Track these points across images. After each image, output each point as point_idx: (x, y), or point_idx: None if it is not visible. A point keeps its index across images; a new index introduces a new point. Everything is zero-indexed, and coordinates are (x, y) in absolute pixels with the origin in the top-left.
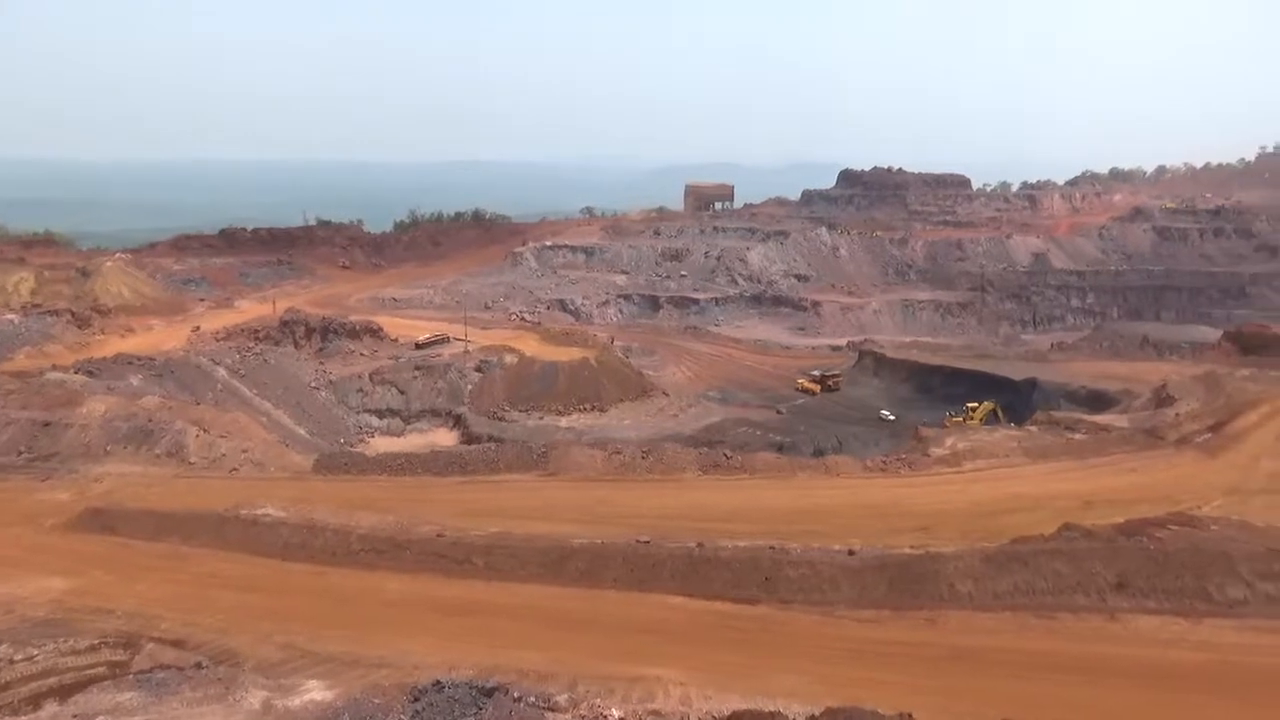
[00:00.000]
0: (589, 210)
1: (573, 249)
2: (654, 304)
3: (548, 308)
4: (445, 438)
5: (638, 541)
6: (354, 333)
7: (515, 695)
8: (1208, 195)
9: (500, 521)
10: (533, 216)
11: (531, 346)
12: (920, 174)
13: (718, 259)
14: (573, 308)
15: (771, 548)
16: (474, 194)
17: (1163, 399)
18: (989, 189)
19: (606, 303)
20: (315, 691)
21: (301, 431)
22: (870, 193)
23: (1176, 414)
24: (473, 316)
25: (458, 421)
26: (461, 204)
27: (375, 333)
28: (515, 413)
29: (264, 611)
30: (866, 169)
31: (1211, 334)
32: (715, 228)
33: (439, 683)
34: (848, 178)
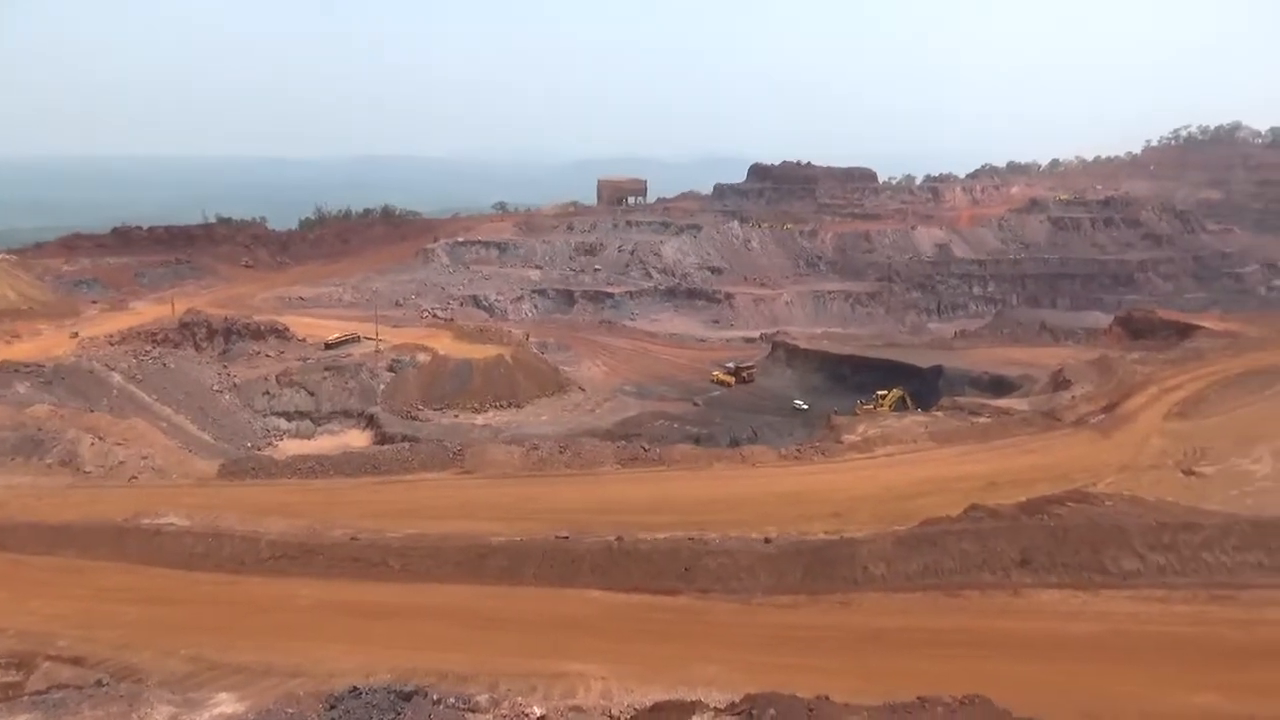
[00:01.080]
0: (501, 205)
1: (485, 245)
2: (569, 299)
3: (461, 305)
4: (358, 439)
5: (557, 537)
6: (259, 333)
7: (435, 698)
8: (1098, 187)
9: (416, 522)
10: (443, 212)
11: (445, 344)
12: (828, 168)
13: (632, 253)
14: (486, 304)
15: (690, 538)
16: (383, 190)
17: (1059, 383)
18: (894, 182)
19: (521, 299)
20: (225, 704)
21: (205, 437)
22: (780, 186)
23: (1072, 397)
24: (384, 315)
25: (370, 422)
26: (370, 200)
27: (281, 333)
28: (430, 411)
29: (169, 624)
30: (776, 163)
31: (1103, 319)
32: (629, 222)
33: (356, 689)
34: (758, 172)
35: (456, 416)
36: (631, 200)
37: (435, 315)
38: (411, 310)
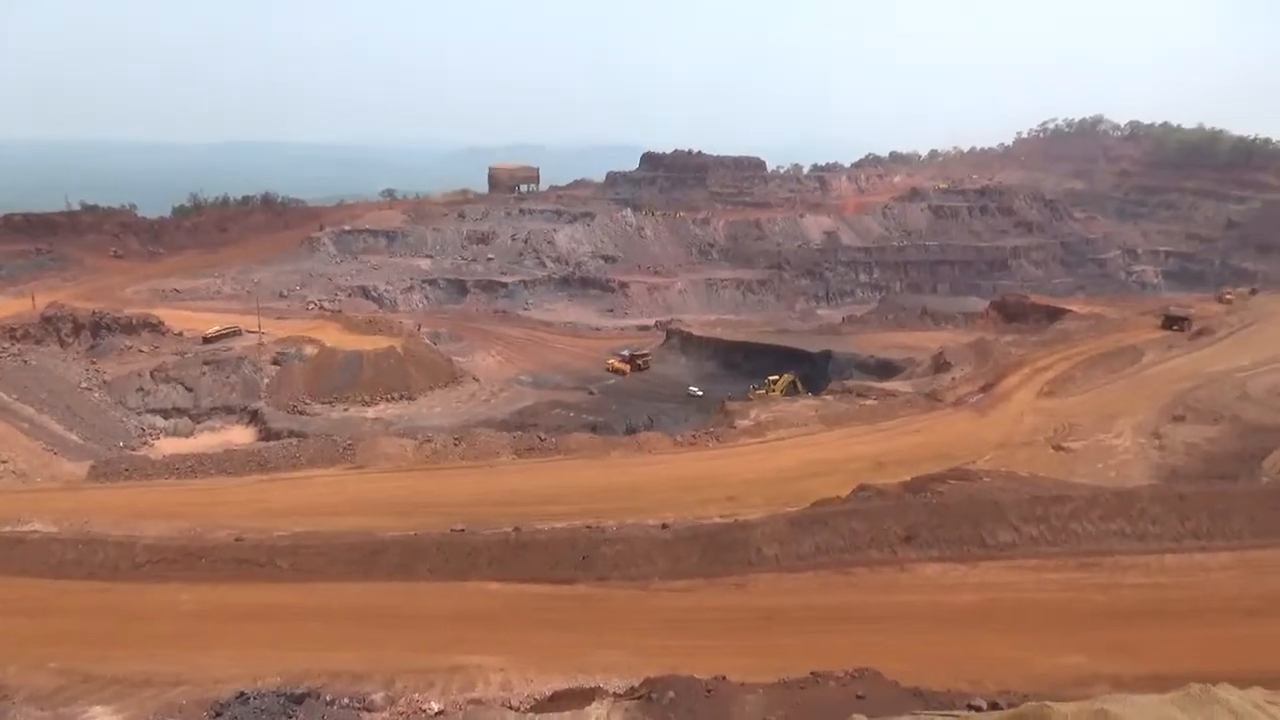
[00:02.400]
0: (389, 193)
1: (373, 233)
2: (461, 288)
3: (349, 295)
4: (241, 435)
5: (453, 530)
6: (130, 327)
7: (328, 699)
8: (974, 176)
9: (306, 520)
10: (329, 200)
11: (333, 336)
12: (719, 157)
13: (525, 241)
14: (375, 295)
15: (588, 527)
16: (263, 177)
17: (940, 365)
18: (783, 171)
19: (411, 288)
20: (101, 718)
21: (73, 437)
22: (672, 175)
23: (952, 378)
24: (266, 307)
25: (254, 418)
26: (249, 187)
27: (155, 327)
28: (318, 405)
29: (36, 636)
30: (668, 152)
31: (980, 304)
32: (521, 210)
33: (243, 694)
34: (650, 160)
35: (346, 410)
36: (524, 188)
37: (322, 306)
38: (296, 302)
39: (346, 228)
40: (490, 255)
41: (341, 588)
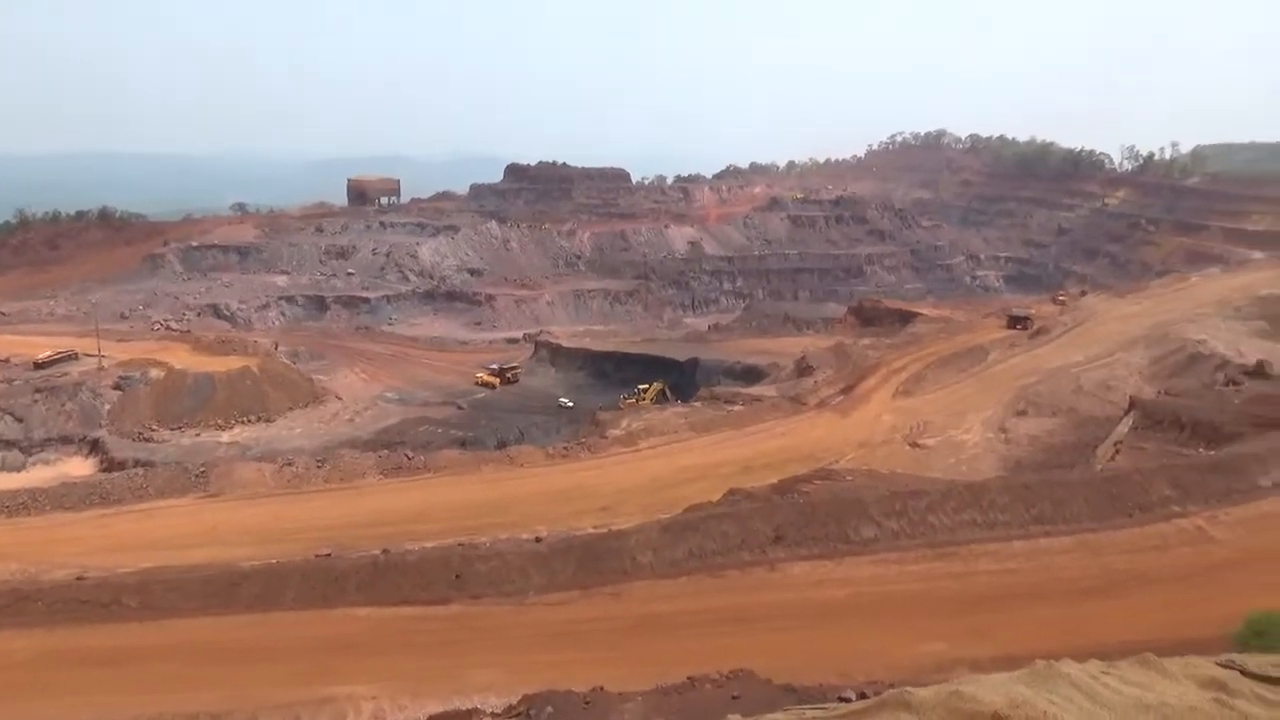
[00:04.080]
0: (240, 206)
1: (224, 249)
2: (320, 305)
3: (199, 315)
4: (80, 467)
5: (317, 556)
6: None
7: None
8: (829, 187)
9: (156, 554)
10: (172, 214)
11: (181, 358)
12: (584, 168)
13: (387, 255)
14: (228, 313)
15: (460, 544)
16: (99, 190)
17: (803, 369)
18: (646, 182)
19: (267, 306)
20: None
21: None
22: (537, 186)
23: (815, 381)
24: (107, 328)
25: (95, 447)
26: (82, 201)
27: None
28: (166, 432)
29: None
30: (533, 163)
31: (839, 309)
32: (382, 223)
33: None
34: (514, 172)
35: (198, 435)
36: (384, 201)
37: (169, 327)
38: (140, 322)
39: (194, 243)
40: (351, 270)
41: (197, 624)
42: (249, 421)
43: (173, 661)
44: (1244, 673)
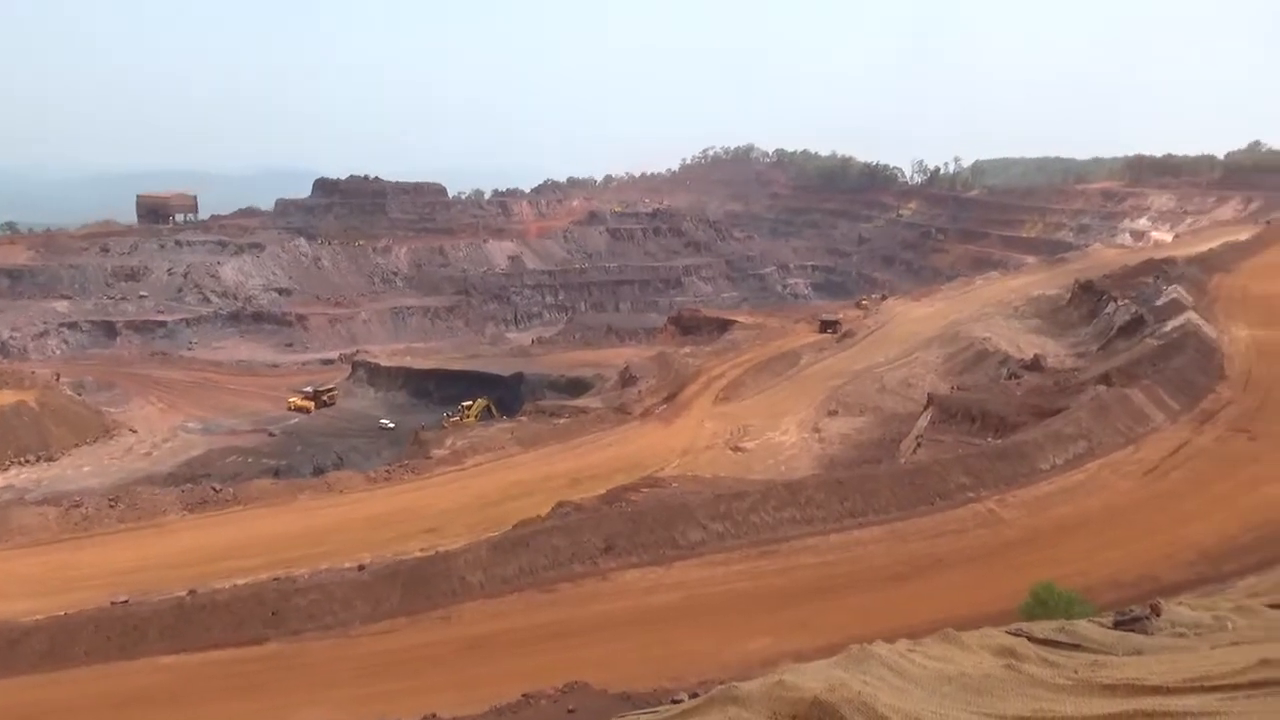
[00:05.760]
0: (10, 226)
1: None
2: (109, 331)
3: None
4: None
5: (113, 604)
6: None
7: None
8: (646, 200)
9: None
10: None
11: None
12: (398, 182)
13: (185, 276)
14: None
15: (276, 579)
16: None
17: (627, 379)
18: (464, 196)
19: (45, 334)
20: None
21: None
22: (349, 201)
23: (639, 391)
24: None
25: None
26: None
27: None
28: None
29: None
30: (343, 178)
31: (659, 319)
32: (178, 242)
33: None
34: (324, 186)
35: None
36: (180, 218)
37: None
38: None
39: None
40: (143, 293)
41: None
42: (28, 462)
43: None
44: (1030, 639)
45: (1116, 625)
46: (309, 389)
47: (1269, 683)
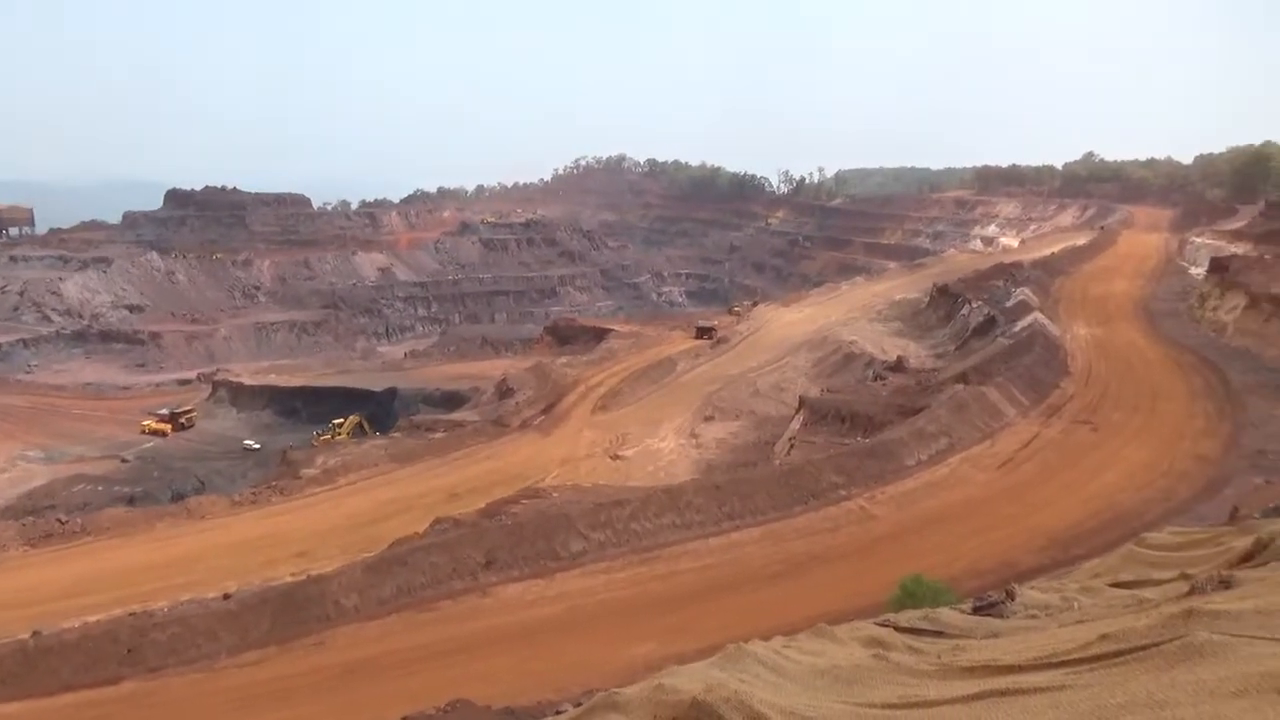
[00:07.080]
0: None
1: None
2: None
3: None
4: None
5: None
6: None
7: None
8: (519, 210)
9: None
10: None
11: None
12: (258, 194)
13: (21, 294)
14: None
15: (132, 614)
16: None
17: (504, 391)
18: (329, 208)
19: None
20: None
21: None
22: (205, 213)
23: (516, 403)
24: None
25: None
26: None
27: None
28: None
29: None
30: (198, 189)
31: (535, 330)
32: (13, 257)
33: None
34: (177, 198)
35: None
36: (15, 231)
37: None
38: None
39: None
40: None
41: None
42: None
43: None
44: (897, 628)
45: (975, 611)
46: (165, 411)
47: (1109, 655)
